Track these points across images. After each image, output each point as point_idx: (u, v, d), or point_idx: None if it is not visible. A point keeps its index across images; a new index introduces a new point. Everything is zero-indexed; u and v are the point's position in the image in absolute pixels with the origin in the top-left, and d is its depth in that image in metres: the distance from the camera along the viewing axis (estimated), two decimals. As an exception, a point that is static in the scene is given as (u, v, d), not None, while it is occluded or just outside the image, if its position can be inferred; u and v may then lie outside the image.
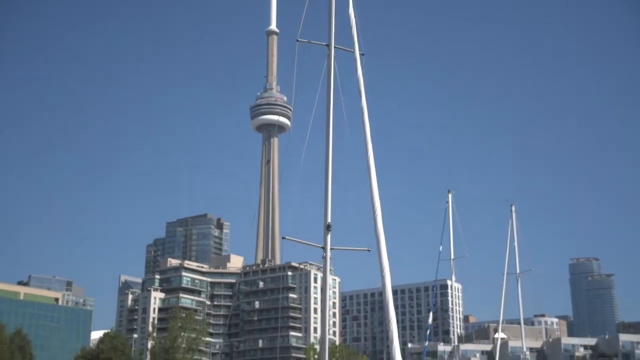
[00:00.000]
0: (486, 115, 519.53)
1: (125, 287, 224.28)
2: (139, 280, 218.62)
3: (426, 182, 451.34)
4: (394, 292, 20.01)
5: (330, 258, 11.62)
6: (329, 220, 12.32)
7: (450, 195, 43.85)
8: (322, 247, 11.72)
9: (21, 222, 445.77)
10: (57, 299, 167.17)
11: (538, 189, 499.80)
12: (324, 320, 10.67)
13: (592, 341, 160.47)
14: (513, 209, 45.64)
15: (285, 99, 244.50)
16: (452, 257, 42.47)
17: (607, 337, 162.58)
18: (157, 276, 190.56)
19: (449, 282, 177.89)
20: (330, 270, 10.83)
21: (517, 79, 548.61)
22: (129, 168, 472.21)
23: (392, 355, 10.41)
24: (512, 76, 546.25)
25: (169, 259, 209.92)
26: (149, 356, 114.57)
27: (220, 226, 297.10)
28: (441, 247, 42.06)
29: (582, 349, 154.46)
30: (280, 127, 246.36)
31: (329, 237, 12.13)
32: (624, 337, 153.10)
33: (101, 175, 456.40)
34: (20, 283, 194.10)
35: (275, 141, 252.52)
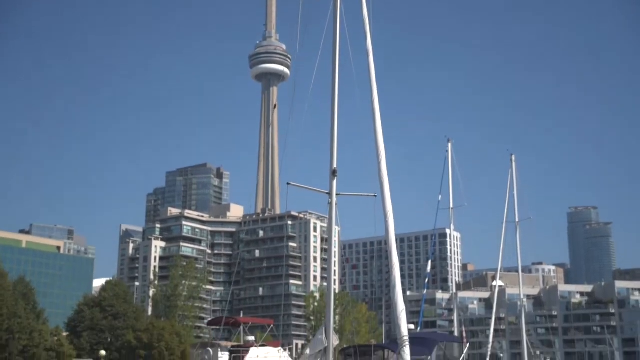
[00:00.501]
0: (486, 64, 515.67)
1: (126, 236, 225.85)
2: (140, 229, 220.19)
3: (426, 132, 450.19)
4: (394, 241, 19.80)
5: (336, 204, 11.47)
6: (335, 165, 12.11)
7: (450, 145, 43.71)
8: (327, 193, 11.56)
9: (22, 171, 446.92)
10: (58, 248, 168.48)
11: (538, 139, 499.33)
12: (330, 268, 10.63)
13: (588, 288, 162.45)
14: (513, 158, 45.59)
15: (284, 47, 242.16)
16: (451, 206, 42.55)
17: (603, 284, 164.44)
18: (158, 225, 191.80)
19: (447, 231, 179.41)
20: (336, 216, 10.73)
21: (518, 28, 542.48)
22: (129, 117, 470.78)
23: (393, 300, 10.43)
24: (512, 25, 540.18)
25: (170, 208, 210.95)
26: (150, 303, 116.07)
27: (220, 176, 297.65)
28: (440, 197, 42.12)
29: (578, 296, 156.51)
30: (280, 76, 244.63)
31: (334, 182, 11.94)
32: (619, 284, 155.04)
33: (101, 124, 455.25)
34: (22, 231, 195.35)
35: (274, 90, 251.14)
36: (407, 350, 9.85)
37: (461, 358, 32.53)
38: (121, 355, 78.67)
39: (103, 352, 64.08)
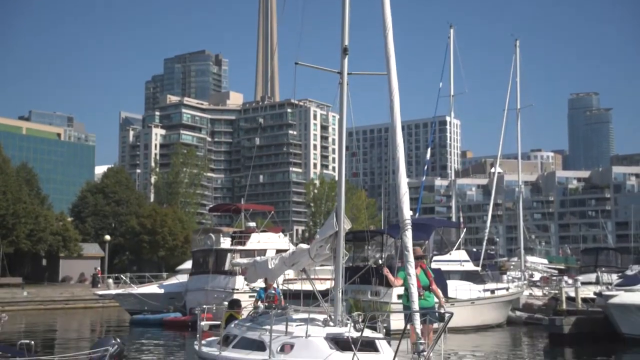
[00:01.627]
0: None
1: (126, 123, 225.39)
2: (139, 116, 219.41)
3: (428, 18, 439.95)
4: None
5: (348, 84, 11.07)
6: (346, 43, 11.63)
7: (452, 31, 42.50)
8: (338, 73, 11.15)
9: (21, 57, 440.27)
10: (59, 135, 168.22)
11: (540, 25, 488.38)
12: (341, 149, 10.43)
13: (585, 174, 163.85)
14: (517, 43, 44.45)
15: None
16: (452, 93, 41.87)
17: (600, 169, 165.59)
18: (157, 113, 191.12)
19: (447, 119, 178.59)
20: (348, 97, 10.39)
21: None
22: (126, 2, 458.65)
23: (396, 182, 10.43)
24: None
25: (169, 96, 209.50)
26: (152, 190, 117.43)
27: (218, 63, 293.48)
28: (441, 84, 41.37)
29: (575, 182, 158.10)
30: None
31: (345, 61, 11.48)
32: (616, 169, 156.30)
33: (99, 10, 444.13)
34: (21, 118, 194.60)
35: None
36: (408, 234, 9.92)
37: (458, 242, 33.12)
38: (125, 240, 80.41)
39: (108, 237, 65.38)
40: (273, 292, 13.85)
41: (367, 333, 9.54)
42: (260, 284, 17.56)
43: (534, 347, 25.33)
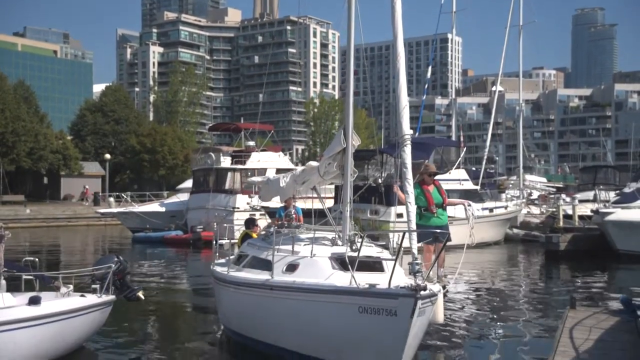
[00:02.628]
0: None
1: (123, 40, 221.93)
2: (137, 34, 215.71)
3: None
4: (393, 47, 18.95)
5: None
6: None
7: (454, -56, 41.18)
8: None
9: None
10: (55, 52, 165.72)
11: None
12: (348, 67, 10.10)
13: (587, 92, 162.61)
14: (521, -43, 43.14)
15: None
16: (454, 9, 40.99)
17: (602, 87, 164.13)
18: (155, 30, 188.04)
19: (449, 36, 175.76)
20: (356, 8, 9.96)
21: None
22: None
23: (396, 94, 10.21)
24: None
25: (166, 12, 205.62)
26: (151, 109, 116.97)
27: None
28: (442, 0, 40.41)
29: (576, 100, 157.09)
30: None
31: None
32: (619, 87, 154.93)
33: None
34: (15, 34, 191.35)
35: None
36: (407, 150, 9.77)
37: (458, 161, 33.19)
38: (126, 159, 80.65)
39: (108, 156, 65.51)
40: (293, 210, 13.36)
41: (373, 252, 9.49)
42: (274, 203, 17.46)
43: (530, 263, 25.77)
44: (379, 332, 7.83)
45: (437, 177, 30.30)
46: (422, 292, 7.56)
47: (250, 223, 13.43)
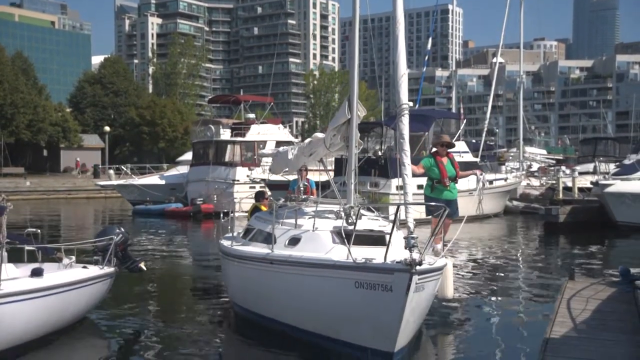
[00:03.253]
0: None
1: (121, 12, 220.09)
2: (135, 4, 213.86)
3: None
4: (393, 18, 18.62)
5: None
6: None
7: None
8: None
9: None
10: (53, 23, 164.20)
11: None
12: (352, 37, 9.90)
13: (588, 63, 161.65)
14: None
15: None
16: (455, -21, 40.64)
17: (603, 58, 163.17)
18: (153, 1, 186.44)
19: (450, 7, 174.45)
20: None
21: None
22: None
23: (395, 62, 10.03)
24: None
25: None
26: (150, 81, 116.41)
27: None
28: (444, -30, 39.99)
29: (577, 71, 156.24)
30: None
31: None
32: (620, 58, 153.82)
33: None
34: (12, 5, 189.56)
35: None
36: (405, 121, 9.64)
37: (458, 133, 33.17)
38: (125, 131, 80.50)
39: (107, 128, 65.38)
40: (306, 183, 13.00)
41: (376, 225, 9.35)
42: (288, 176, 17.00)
43: (529, 235, 25.88)
44: (374, 308, 7.59)
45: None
46: (418, 267, 7.27)
47: (260, 196, 13.18)
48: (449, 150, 11.75)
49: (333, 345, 8.21)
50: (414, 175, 10.36)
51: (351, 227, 8.72)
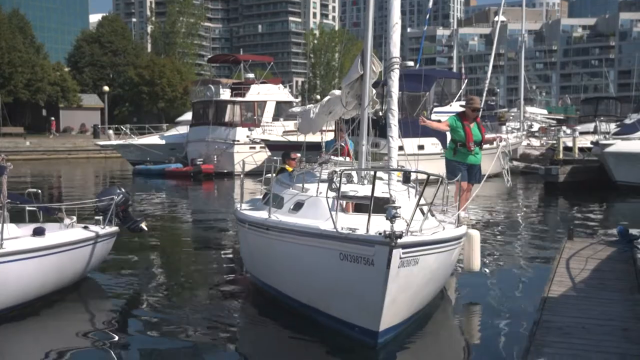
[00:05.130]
0: None
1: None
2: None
3: None
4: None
5: None
6: None
7: None
8: None
9: None
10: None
11: None
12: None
13: (591, 21, 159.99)
14: None
15: None
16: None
17: (607, 16, 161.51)
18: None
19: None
20: None
21: None
22: None
23: (389, 12, 9.53)
24: None
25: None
26: (149, 41, 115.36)
27: None
28: None
29: (580, 30, 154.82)
30: None
31: None
32: (623, 16, 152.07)
33: None
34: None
35: None
36: (395, 77, 9.20)
37: (459, 93, 32.97)
38: (124, 91, 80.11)
39: (106, 88, 65.09)
40: (343, 144, 12.00)
41: (385, 190, 8.21)
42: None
43: (529, 195, 25.95)
44: (359, 283, 6.88)
45: (439, 109, 30.29)
46: (404, 240, 6.57)
47: (286, 156, 12.11)
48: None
49: (326, 320, 7.58)
50: (437, 131, 9.93)
51: (353, 193, 8.19)
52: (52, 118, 67.67)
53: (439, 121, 14.70)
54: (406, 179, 8.75)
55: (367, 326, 7.01)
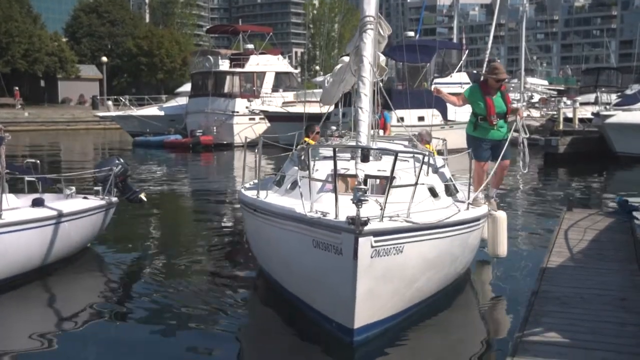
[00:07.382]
0: None
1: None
2: None
3: None
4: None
5: None
6: None
7: None
8: None
9: None
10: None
11: None
12: None
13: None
14: None
15: None
16: None
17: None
18: None
19: None
20: None
21: None
22: None
23: None
24: None
25: None
26: (147, 11, 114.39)
27: None
28: None
29: None
30: None
31: None
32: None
33: None
34: None
35: None
36: (367, 39, 8.10)
37: (459, 64, 32.80)
38: (123, 62, 79.60)
39: (104, 59, 64.64)
40: (379, 116, 10.89)
41: (388, 167, 7.03)
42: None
43: (529, 166, 25.93)
44: (332, 274, 6.09)
45: (440, 80, 30.11)
46: (375, 227, 5.79)
47: (308, 130, 10.99)
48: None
49: (310, 313, 6.79)
50: (454, 106, 8.94)
51: (344, 171, 7.27)
52: (16, 87, 61.02)
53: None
54: (365, 158, 7.68)
55: (343, 322, 6.19)
